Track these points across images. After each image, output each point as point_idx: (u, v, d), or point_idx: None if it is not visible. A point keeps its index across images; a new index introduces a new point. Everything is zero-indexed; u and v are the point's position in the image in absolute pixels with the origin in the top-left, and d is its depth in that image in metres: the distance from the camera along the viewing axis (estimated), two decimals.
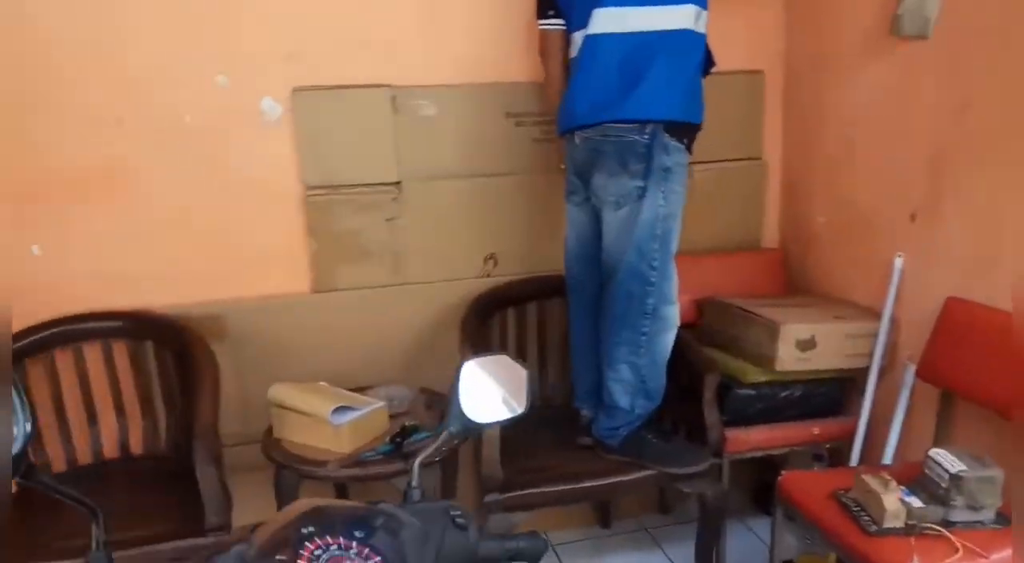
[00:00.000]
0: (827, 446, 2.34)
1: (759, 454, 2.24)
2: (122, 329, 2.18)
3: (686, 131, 1.95)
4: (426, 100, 2.33)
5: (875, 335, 2.20)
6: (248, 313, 2.30)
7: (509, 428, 2.37)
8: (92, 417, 2.20)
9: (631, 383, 2.04)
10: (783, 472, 1.96)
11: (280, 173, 2.27)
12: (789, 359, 2.15)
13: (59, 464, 2.14)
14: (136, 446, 2.24)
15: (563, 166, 2.14)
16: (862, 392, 2.23)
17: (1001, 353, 1.75)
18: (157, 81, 2.15)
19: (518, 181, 2.43)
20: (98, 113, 2.13)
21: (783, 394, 2.24)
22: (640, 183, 1.91)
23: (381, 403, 2.01)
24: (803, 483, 1.92)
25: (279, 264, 2.33)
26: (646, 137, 1.89)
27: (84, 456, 2.20)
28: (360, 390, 2.20)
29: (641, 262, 1.95)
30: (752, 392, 2.22)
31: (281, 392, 1.99)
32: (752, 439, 2.21)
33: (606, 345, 2.05)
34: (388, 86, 2.30)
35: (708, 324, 2.47)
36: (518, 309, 2.48)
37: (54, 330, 2.12)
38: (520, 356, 2.48)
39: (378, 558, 0.76)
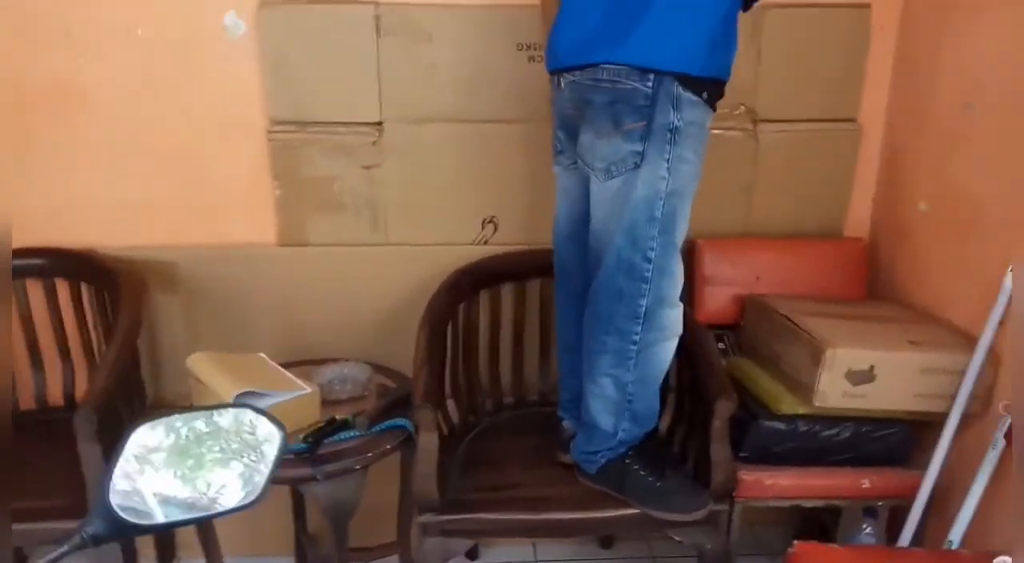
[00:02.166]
0: (884, 504, 1.82)
1: (784, 504, 1.76)
2: (61, 268, 1.96)
3: (706, 83, 1.45)
4: (418, 22, 1.90)
5: (962, 372, 1.65)
6: (206, 262, 2.02)
7: (482, 430, 2.05)
8: (37, 361, 2.02)
9: (615, 401, 1.61)
10: (795, 543, 1.48)
11: (243, 103, 1.93)
12: (833, 394, 1.63)
13: None
14: (81, 395, 2.04)
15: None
16: (936, 442, 1.69)
17: None
18: None
19: (528, 130, 1.98)
20: (45, 23, 1.87)
21: (826, 433, 1.73)
22: (637, 147, 1.43)
23: (307, 390, 1.68)
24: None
25: (241, 210, 2.02)
26: (648, 86, 1.40)
27: (26, 402, 2.03)
28: (312, 364, 1.90)
29: (633, 251, 1.49)
30: (782, 426, 1.72)
31: (198, 363, 1.70)
32: (775, 485, 1.72)
33: (588, 350, 1.62)
34: (372, 2, 1.89)
35: (748, 330, 1.97)
36: (517, 286, 2.07)
37: None
38: (516, 343, 2.09)
39: None
